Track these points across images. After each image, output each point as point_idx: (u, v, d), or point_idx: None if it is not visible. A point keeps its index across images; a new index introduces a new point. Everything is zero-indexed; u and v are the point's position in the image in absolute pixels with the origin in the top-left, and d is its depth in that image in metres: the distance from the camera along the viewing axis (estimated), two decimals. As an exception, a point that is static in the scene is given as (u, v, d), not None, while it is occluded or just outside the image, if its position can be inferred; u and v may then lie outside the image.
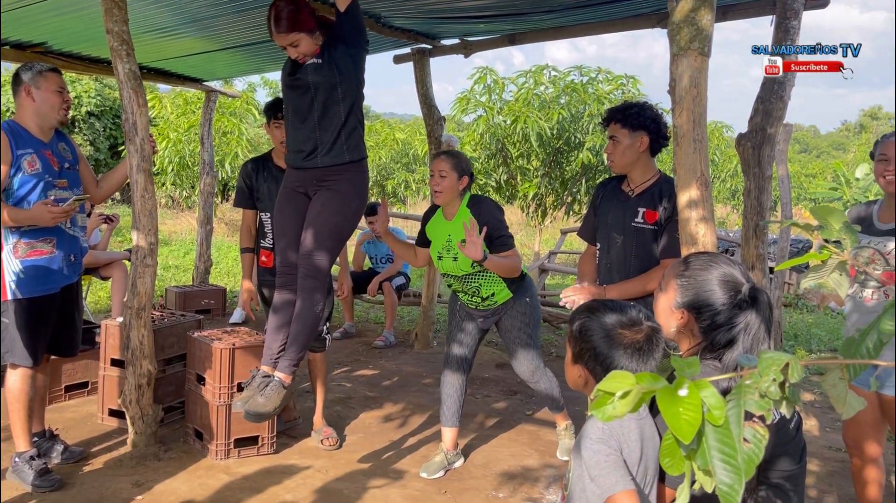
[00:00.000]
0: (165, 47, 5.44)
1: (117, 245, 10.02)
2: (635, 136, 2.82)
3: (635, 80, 8.48)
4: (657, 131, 2.83)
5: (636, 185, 2.89)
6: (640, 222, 2.82)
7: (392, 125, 19.27)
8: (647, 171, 2.88)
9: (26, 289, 3.11)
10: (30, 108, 3.15)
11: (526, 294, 3.41)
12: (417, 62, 5.59)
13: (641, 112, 2.82)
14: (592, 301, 1.67)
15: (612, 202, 2.95)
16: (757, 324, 1.62)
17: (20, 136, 3.12)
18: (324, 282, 2.96)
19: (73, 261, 3.29)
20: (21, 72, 3.17)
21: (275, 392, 2.83)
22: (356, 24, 2.89)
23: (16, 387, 3.17)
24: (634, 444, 1.49)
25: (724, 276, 1.66)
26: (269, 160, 3.73)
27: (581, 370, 1.61)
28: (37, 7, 4.20)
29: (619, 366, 1.53)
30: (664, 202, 2.78)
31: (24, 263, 3.10)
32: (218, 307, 6.79)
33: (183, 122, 12.15)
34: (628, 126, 2.82)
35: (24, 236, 3.10)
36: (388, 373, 5.21)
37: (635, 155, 2.84)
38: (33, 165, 3.10)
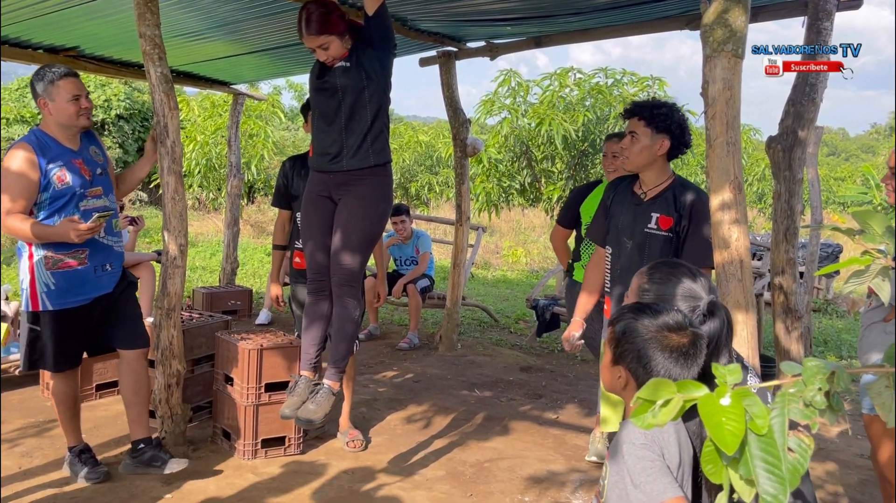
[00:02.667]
0: (194, 51, 5.50)
1: (145, 246, 10.14)
2: (657, 137, 2.69)
3: (662, 82, 8.41)
4: (681, 137, 2.71)
5: (649, 188, 2.77)
6: (654, 228, 2.70)
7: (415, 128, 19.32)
8: (662, 173, 2.77)
9: (56, 300, 3.08)
10: (50, 119, 3.09)
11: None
12: (443, 65, 5.60)
13: (669, 114, 2.70)
14: (636, 303, 1.64)
15: (624, 204, 2.83)
16: (715, 338, 1.61)
17: (48, 148, 3.05)
18: (358, 287, 2.98)
19: (107, 269, 3.21)
20: (35, 82, 3.07)
21: (325, 399, 2.85)
22: (384, 28, 2.90)
23: (57, 389, 3.25)
24: (674, 450, 1.47)
25: (683, 290, 1.67)
26: (307, 159, 3.75)
27: (622, 372, 1.57)
28: (71, 11, 4.28)
29: (664, 369, 1.50)
30: (679, 208, 2.68)
31: (54, 275, 3.07)
32: (244, 308, 6.85)
33: (210, 125, 12.29)
34: (652, 126, 2.70)
35: (55, 248, 3.05)
36: (412, 375, 5.22)
37: (652, 157, 2.71)
38: (63, 179, 3.03)
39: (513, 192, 9.47)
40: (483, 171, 9.54)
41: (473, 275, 10.15)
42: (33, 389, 4.46)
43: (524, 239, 14.04)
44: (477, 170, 9.52)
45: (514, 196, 9.83)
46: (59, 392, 3.25)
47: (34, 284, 3.06)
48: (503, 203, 10.10)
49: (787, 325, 3.68)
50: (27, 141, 3.05)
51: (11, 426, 3.87)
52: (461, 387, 4.90)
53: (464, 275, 6.11)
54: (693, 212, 2.65)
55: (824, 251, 9.69)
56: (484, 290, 9.18)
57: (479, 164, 9.35)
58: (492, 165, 9.39)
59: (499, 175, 9.44)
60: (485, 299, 8.35)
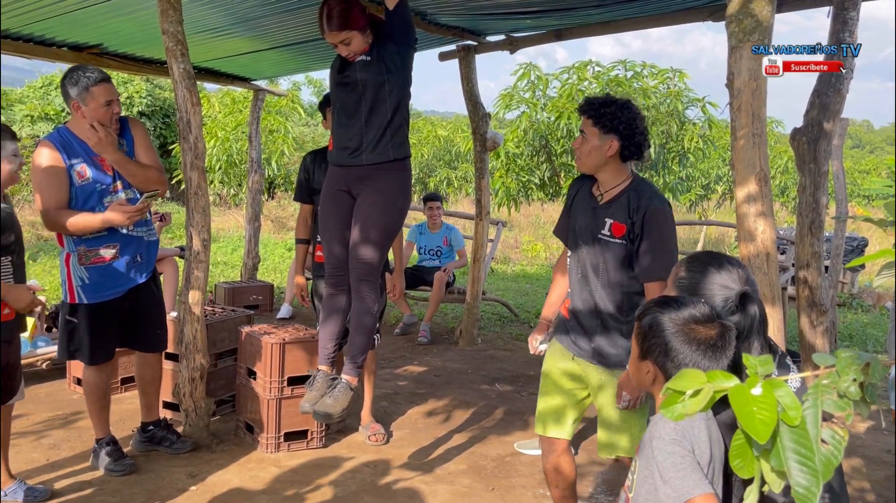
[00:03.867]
0: (215, 47, 5.54)
1: (168, 242, 10.24)
2: (605, 138, 2.47)
3: (682, 74, 8.34)
4: (630, 137, 2.47)
5: (606, 190, 2.55)
6: (607, 234, 2.48)
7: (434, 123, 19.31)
8: (618, 175, 2.54)
9: (91, 294, 3.20)
10: (81, 121, 3.14)
11: None
12: (463, 59, 5.59)
13: (617, 113, 2.47)
14: (662, 296, 1.63)
15: (583, 205, 2.62)
16: (746, 330, 1.59)
17: (70, 145, 3.12)
18: (376, 282, 2.99)
19: (139, 261, 3.30)
20: (68, 85, 3.11)
21: (342, 393, 2.87)
22: (405, 23, 2.90)
23: (88, 381, 3.33)
24: (705, 446, 1.45)
25: (719, 281, 1.64)
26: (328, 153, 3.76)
27: (650, 366, 1.55)
28: (95, 9, 4.32)
29: (692, 362, 1.48)
30: (631, 213, 2.45)
31: (88, 270, 3.18)
32: (266, 302, 6.90)
33: (230, 121, 12.36)
34: (599, 125, 2.49)
35: (88, 243, 3.15)
36: (433, 369, 5.23)
37: (602, 158, 2.49)
38: (83, 175, 3.11)
39: (532, 187, 9.43)
40: (502, 166, 9.51)
41: (493, 269, 10.14)
42: (60, 382, 4.53)
43: (544, 233, 13.99)
44: (496, 164, 9.50)
45: (534, 190, 9.79)
46: (90, 384, 3.33)
47: (70, 278, 3.19)
48: (522, 197, 10.07)
49: (811, 320, 3.64)
50: (50, 139, 3.14)
51: (39, 418, 3.94)
52: (481, 382, 4.90)
53: (483, 270, 6.11)
54: (645, 218, 2.42)
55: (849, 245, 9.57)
56: (504, 285, 9.17)
57: (498, 158, 9.33)
58: (510, 160, 9.36)
59: (518, 169, 9.41)
60: (505, 294, 8.34)
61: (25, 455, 3.45)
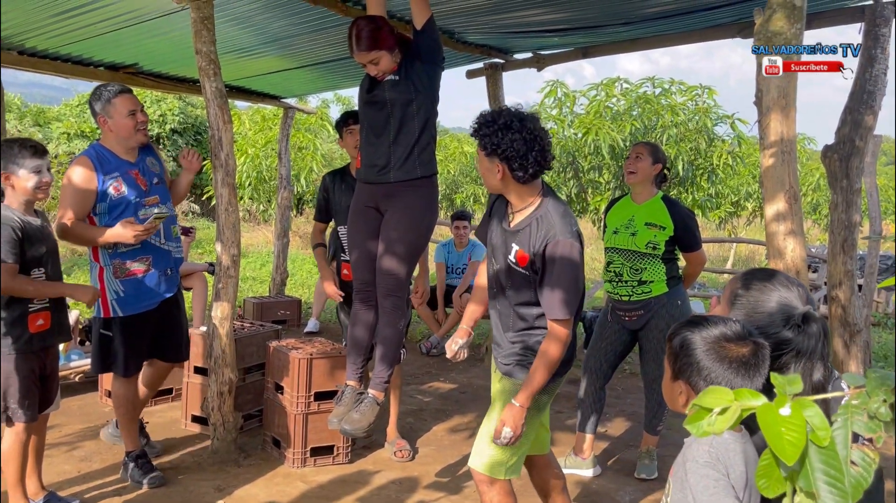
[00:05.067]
0: (246, 66, 5.64)
1: (197, 257, 10.38)
2: (490, 161, 2.30)
3: (711, 91, 8.27)
4: (513, 160, 2.25)
5: (515, 211, 2.40)
6: (514, 262, 2.35)
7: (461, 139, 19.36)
8: (523, 197, 2.36)
9: (126, 307, 3.28)
10: (109, 134, 3.27)
11: (679, 297, 3.52)
12: (490, 77, 5.62)
13: (498, 134, 2.26)
14: (693, 316, 1.61)
15: (500, 219, 2.47)
16: (809, 351, 1.56)
17: (106, 161, 3.23)
18: (403, 298, 3.01)
19: (169, 275, 3.41)
20: (93, 102, 3.25)
21: (369, 408, 2.89)
22: (433, 42, 2.93)
23: (118, 394, 3.38)
24: (740, 469, 1.41)
25: (780, 299, 1.61)
26: (347, 173, 3.81)
27: (683, 387, 1.52)
28: (131, 30, 4.43)
29: (725, 381, 1.46)
30: (535, 245, 2.29)
31: (123, 283, 3.26)
32: (293, 317, 6.95)
33: (260, 138, 12.52)
34: (481, 147, 2.32)
35: (122, 257, 3.25)
36: (459, 386, 5.22)
37: (496, 181, 2.33)
38: (119, 189, 3.22)
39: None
40: (529, 183, 9.45)
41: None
42: (92, 395, 4.60)
43: (570, 250, 13.89)
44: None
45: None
46: (120, 396, 3.38)
47: (105, 292, 3.26)
48: (549, 214, 9.99)
49: (845, 339, 3.57)
50: (87, 155, 3.25)
51: (71, 430, 4.00)
52: (508, 399, 4.87)
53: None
54: (546, 252, 2.26)
55: (884, 263, 9.39)
56: (530, 302, 9.13)
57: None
58: (538, 176, 9.30)
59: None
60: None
61: (57, 467, 3.50)
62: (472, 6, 4.14)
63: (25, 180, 2.77)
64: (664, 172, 3.60)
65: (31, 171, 2.78)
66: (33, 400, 2.84)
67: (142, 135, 3.30)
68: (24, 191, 2.79)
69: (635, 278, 3.49)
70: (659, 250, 3.45)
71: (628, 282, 3.50)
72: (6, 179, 2.77)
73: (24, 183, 2.77)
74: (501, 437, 2.30)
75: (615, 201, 3.77)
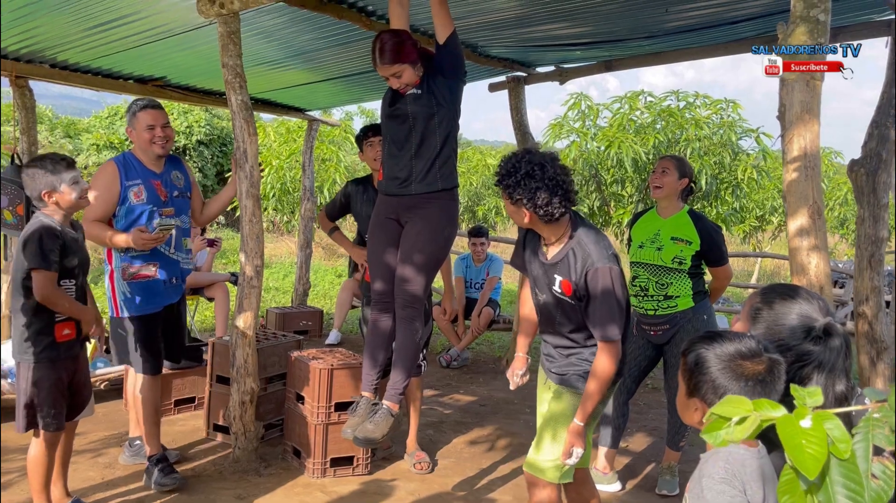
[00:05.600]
0: (272, 79, 5.71)
1: (221, 267, 10.48)
2: (516, 207, 2.42)
3: (736, 105, 8.22)
4: (539, 207, 2.36)
5: (550, 244, 2.51)
6: (559, 292, 2.47)
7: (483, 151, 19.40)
8: (554, 231, 2.47)
9: (134, 307, 3.44)
10: (136, 144, 3.51)
11: (705, 312, 3.51)
12: (512, 90, 5.64)
13: (520, 185, 2.37)
14: (708, 331, 1.59)
15: (535, 253, 2.58)
16: (830, 363, 1.54)
17: (131, 168, 3.45)
18: (421, 310, 3.01)
19: (174, 283, 3.58)
20: (126, 114, 3.55)
21: (383, 419, 2.90)
22: (455, 56, 2.95)
23: (145, 397, 3.47)
24: (757, 485, 1.40)
25: (801, 312, 1.60)
26: (370, 183, 3.84)
27: (698, 404, 1.52)
28: (160, 44, 4.52)
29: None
30: (576, 274, 2.39)
31: (130, 285, 3.43)
32: (315, 328, 6.99)
33: (285, 150, 12.65)
34: (507, 196, 2.43)
35: (131, 261, 3.43)
36: (479, 398, 5.21)
37: (524, 222, 2.46)
38: (139, 196, 3.42)
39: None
40: (551, 195, 9.43)
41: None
42: (117, 402, 4.65)
43: (593, 264, 13.82)
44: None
45: (583, 220, 9.70)
46: (144, 399, 3.48)
47: (115, 293, 3.45)
48: (571, 227, 9.95)
49: (871, 356, 3.51)
50: (115, 160, 3.50)
51: (96, 437, 4.05)
52: (528, 413, 4.85)
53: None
54: (588, 279, 2.37)
55: (912, 279, 9.22)
56: (551, 315, 9.09)
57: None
58: (560, 189, 9.27)
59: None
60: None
61: (82, 473, 3.55)
62: (496, 20, 4.17)
63: (69, 193, 2.87)
64: (690, 186, 3.58)
65: (72, 184, 2.87)
66: (60, 409, 2.89)
67: (158, 147, 3.49)
68: (68, 203, 2.88)
69: (661, 293, 3.47)
70: (685, 265, 3.43)
71: (654, 297, 3.48)
72: (49, 197, 2.85)
73: (68, 196, 2.87)
74: (573, 457, 2.44)
75: (640, 215, 3.75)
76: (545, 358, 2.70)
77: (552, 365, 2.65)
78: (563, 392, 2.59)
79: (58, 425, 2.88)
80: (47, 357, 2.84)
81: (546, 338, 2.66)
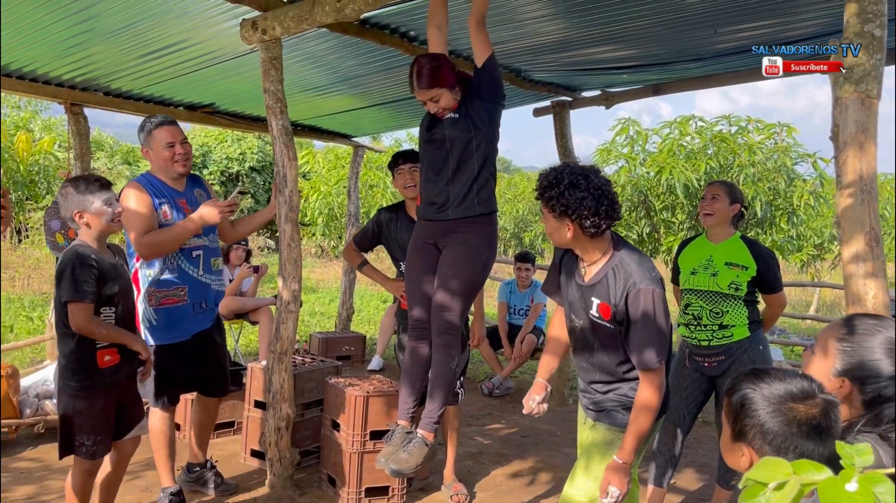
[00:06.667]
0: (318, 105, 5.77)
1: (269, 291, 10.60)
2: (559, 221, 2.31)
3: (790, 129, 7.98)
4: (585, 217, 2.25)
5: (588, 265, 2.40)
6: (597, 316, 2.35)
7: (531, 178, 19.32)
8: (594, 250, 2.36)
9: (159, 335, 3.30)
10: (154, 164, 3.36)
11: (761, 342, 3.37)
12: (557, 114, 5.57)
13: (565, 194, 2.26)
14: (753, 369, 1.46)
15: (571, 276, 2.47)
16: None
17: (155, 188, 3.32)
18: (457, 336, 2.93)
19: (204, 307, 3.42)
20: (138, 133, 3.37)
21: (417, 449, 2.81)
22: (493, 80, 2.90)
23: (154, 427, 3.38)
24: None
25: (886, 343, 1.46)
26: (402, 210, 3.79)
27: (746, 450, 1.38)
28: (209, 70, 4.60)
29: (793, 446, 1.31)
30: (616, 296, 2.27)
31: (157, 311, 3.29)
32: (357, 353, 6.97)
33: (333, 176, 12.82)
34: (549, 209, 2.32)
35: (158, 285, 3.28)
36: (520, 429, 5.08)
37: (565, 238, 2.33)
38: (167, 215, 3.29)
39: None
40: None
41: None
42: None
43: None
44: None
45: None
46: (155, 430, 3.37)
47: (138, 321, 3.27)
48: (620, 254, 9.77)
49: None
50: (136, 181, 3.34)
51: (133, 460, 4.04)
52: (570, 445, 4.70)
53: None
54: (629, 300, 2.24)
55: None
56: (599, 344, 8.89)
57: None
58: (608, 215, 9.11)
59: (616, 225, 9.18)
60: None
61: (119, 497, 3.53)
62: (539, 44, 4.12)
63: (100, 214, 2.80)
64: (742, 211, 3.44)
65: (104, 205, 2.81)
66: (99, 437, 2.84)
67: (180, 165, 3.33)
68: (99, 225, 2.82)
69: (716, 321, 3.32)
70: (741, 291, 3.28)
71: (708, 326, 3.33)
72: (80, 217, 2.80)
73: (99, 217, 2.80)
74: (609, 497, 2.26)
75: (687, 242, 3.60)
76: (582, 393, 2.57)
77: (589, 400, 2.52)
78: (598, 426, 2.47)
79: (94, 453, 2.83)
80: (89, 385, 2.80)
81: (582, 372, 2.53)
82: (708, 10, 3.47)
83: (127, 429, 3.00)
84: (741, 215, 3.44)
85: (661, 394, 2.28)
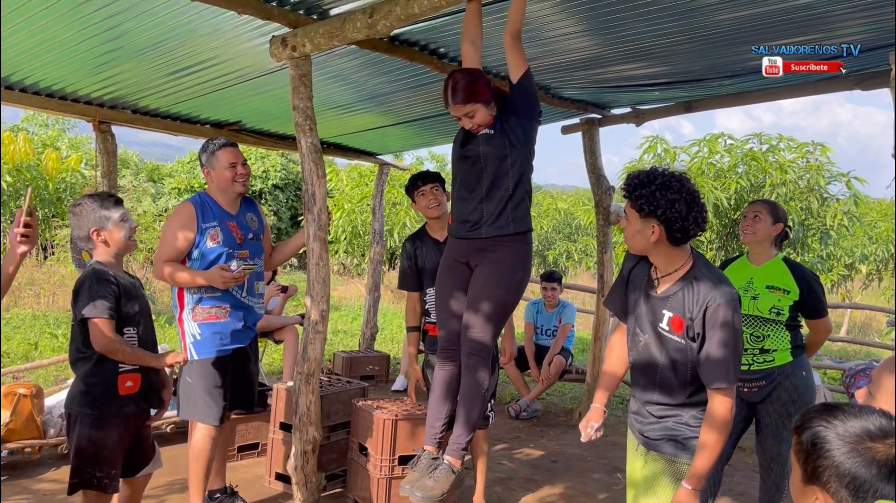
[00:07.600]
0: (344, 123, 5.74)
1: (293, 309, 10.57)
2: (645, 222, 2.19)
3: (825, 148, 7.82)
4: (673, 221, 2.15)
5: (662, 276, 2.28)
6: (667, 329, 2.22)
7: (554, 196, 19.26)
8: (673, 260, 2.24)
9: (202, 349, 3.33)
10: (212, 185, 3.43)
11: (804, 368, 3.25)
12: (586, 132, 5.50)
13: (656, 194, 2.15)
14: (825, 404, 1.34)
15: (640, 288, 2.35)
16: None
17: (207, 209, 3.36)
18: (488, 358, 2.84)
19: (244, 328, 3.46)
20: (200, 153, 3.47)
21: (444, 475, 2.72)
22: (529, 95, 2.83)
23: (197, 445, 3.33)
24: None
25: None
26: (425, 234, 3.70)
27: (820, 494, 1.27)
28: (236, 88, 4.59)
29: (873, 490, 1.20)
30: (692, 310, 2.15)
31: (200, 326, 3.33)
32: (382, 373, 6.89)
33: (356, 194, 12.83)
34: (636, 208, 2.20)
35: (202, 301, 3.33)
36: (550, 454, 4.95)
37: (646, 243, 2.22)
38: (215, 238, 3.32)
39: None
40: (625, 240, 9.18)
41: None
42: (182, 446, 4.60)
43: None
44: (619, 238, 9.21)
45: (659, 266, 9.38)
46: (197, 448, 3.33)
47: (184, 336, 3.35)
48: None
49: None
50: (191, 200, 3.41)
51: (159, 482, 4.00)
52: (602, 470, 4.57)
53: (605, 349, 5.82)
54: (707, 315, 2.13)
55: None
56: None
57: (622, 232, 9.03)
58: (635, 234, 9.00)
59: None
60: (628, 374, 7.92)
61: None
62: (570, 61, 4.06)
63: (118, 231, 2.74)
64: (786, 231, 3.33)
65: (121, 221, 2.76)
66: (116, 471, 2.73)
67: (239, 185, 3.42)
68: (117, 242, 2.75)
69: (756, 346, 3.20)
70: (783, 316, 3.16)
71: (748, 351, 3.21)
72: (97, 235, 2.73)
73: (118, 234, 2.74)
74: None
75: (727, 263, 3.49)
76: (634, 417, 2.40)
77: (643, 425, 2.35)
78: (654, 457, 2.32)
79: (106, 486, 2.70)
80: (107, 412, 2.68)
81: (638, 392, 2.37)
82: (741, 26, 3.38)
83: (139, 465, 2.90)
84: (785, 236, 3.33)
85: (732, 415, 2.16)
